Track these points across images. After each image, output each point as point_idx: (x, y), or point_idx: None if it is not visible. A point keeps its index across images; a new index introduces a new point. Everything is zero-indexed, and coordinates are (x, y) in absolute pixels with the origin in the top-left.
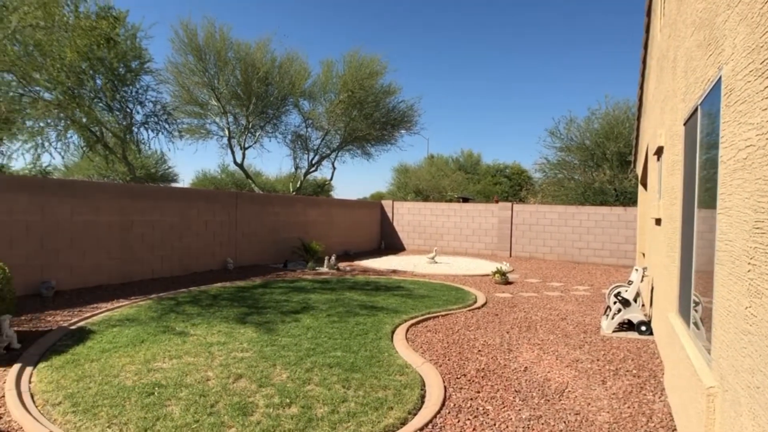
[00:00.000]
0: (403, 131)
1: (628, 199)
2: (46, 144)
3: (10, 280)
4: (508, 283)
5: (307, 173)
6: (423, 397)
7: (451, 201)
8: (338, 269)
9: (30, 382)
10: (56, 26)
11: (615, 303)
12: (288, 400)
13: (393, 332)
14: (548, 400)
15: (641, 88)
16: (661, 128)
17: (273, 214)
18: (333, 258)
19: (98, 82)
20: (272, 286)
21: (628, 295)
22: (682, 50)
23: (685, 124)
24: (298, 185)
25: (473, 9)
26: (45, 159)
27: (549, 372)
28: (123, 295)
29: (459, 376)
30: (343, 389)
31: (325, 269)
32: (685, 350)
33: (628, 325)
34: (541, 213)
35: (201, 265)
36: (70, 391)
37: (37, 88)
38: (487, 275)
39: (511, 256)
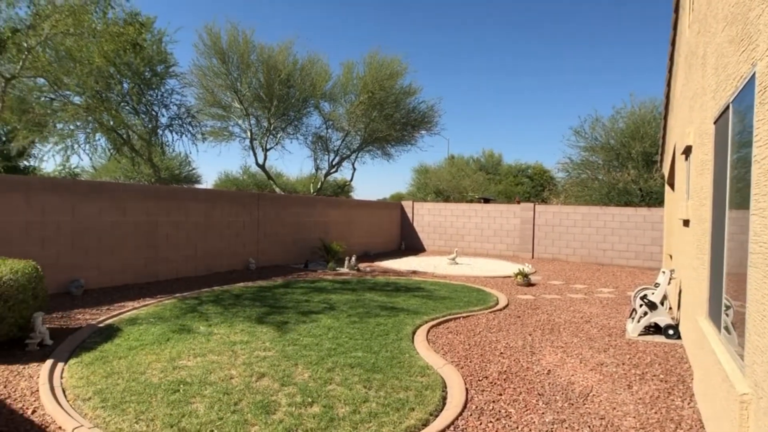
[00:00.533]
0: (423, 132)
1: (654, 199)
2: (75, 146)
3: (42, 278)
4: (530, 284)
5: (327, 174)
6: (444, 398)
7: (471, 201)
8: (358, 270)
9: (62, 378)
10: (85, 33)
11: (641, 306)
12: (310, 400)
13: (414, 333)
14: (572, 404)
15: (668, 85)
16: (690, 127)
17: (294, 215)
18: (353, 258)
19: (125, 86)
20: (293, 286)
21: (655, 297)
22: (712, 46)
23: (715, 123)
24: (318, 186)
25: (493, 8)
26: (74, 161)
27: (573, 375)
28: (149, 294)
29: (481, 379)
30: (365, 389)
31: (345, 270)
32: (716, 355)
33: (654, 329)
34: (564, 214)
35: (224, 265)
36: (99, 387)
37: (67, 93)
38: (509, 277)
39: (533, 257)
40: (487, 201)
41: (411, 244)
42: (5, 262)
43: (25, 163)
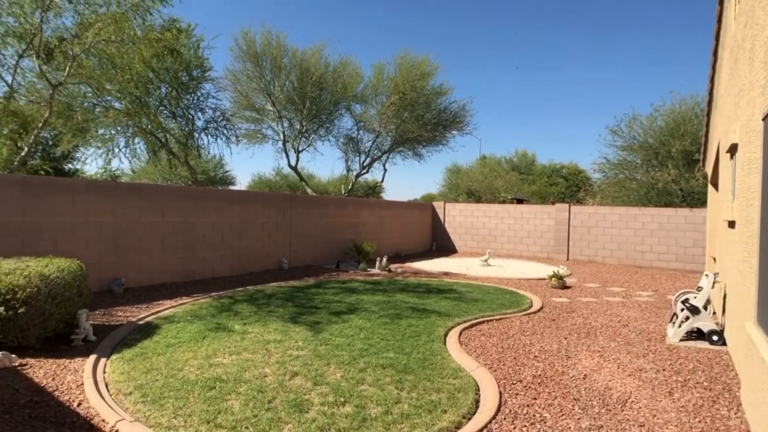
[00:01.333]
0: (454, 132)
1: (696, 200)
2: (116, 150)
3: (86, 277)
4: (565, 287)
5: (358, 175)
6: (477, 401)
7: (504, 202)
8: (389, 270)
9: (104, 372)
10: (125, 39)
11: (682, 310)
12: (342, 399)
13: (446, 335)
14: (609, 410)
15: (711, 81)
16: (735, 124)
17: (326, 216)
18: (384, 259)
19: (163, 90)
20: (325, 286)
21: (698, 301)
22: (761, 39)
23: (764, 119)
24: (349, 187)
25: (525, 5)
26: (114, 164)
27: (610, 380)
28: (185, 292)
29: (515, 382)
30: (397, 390)
31: (376, 270)
32: (766, 363)
33: (697, 334)
34: (601, 215)
35: (258, 264)
36: (139, 383)
37: (109, 98)
38: (543, 279)
39: (568, 259)
40: (520, 202)
41: (442, 245)
42: (53, 261)
43: (69, 166)
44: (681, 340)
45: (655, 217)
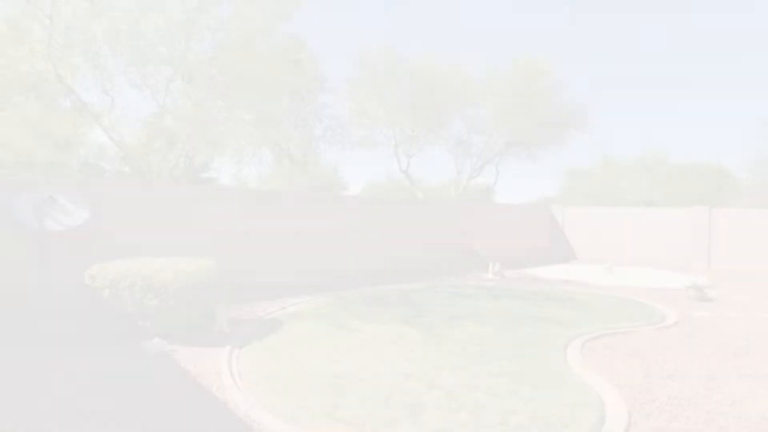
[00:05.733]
0: (573, 131)
1: None
2: (245, 159)
3: (222, 275)
4: (706, 300)
5: (469, 179)
6: (602, 419)
7: (630, 205)
8: (503, 276)
9: (237, 362)
10: (254, 58)
11: None
12: (456, 405)
13: (565, 346)
14: None
15: None
16: None
17: (436, 220)
18: (497, 265)
19: (285, 102)
20: (437, 290)
21: None
22: None
23: None
24: (460, 191)
25: None
26: (244, 172)
27: None
28: (306, 292)
29: (645, 402)
30: (512, 400)
31: (489, 276)
32: None
33: None
34: (750, 219)
35: (371, 267)
36: (266, 373)
37: (239, 111)
38: (678, 290)
39: (709, 268)
40: (649, 204)
41: (560, 251)
42: (195, 260)
43: (206, 174)
44: None
45: None
